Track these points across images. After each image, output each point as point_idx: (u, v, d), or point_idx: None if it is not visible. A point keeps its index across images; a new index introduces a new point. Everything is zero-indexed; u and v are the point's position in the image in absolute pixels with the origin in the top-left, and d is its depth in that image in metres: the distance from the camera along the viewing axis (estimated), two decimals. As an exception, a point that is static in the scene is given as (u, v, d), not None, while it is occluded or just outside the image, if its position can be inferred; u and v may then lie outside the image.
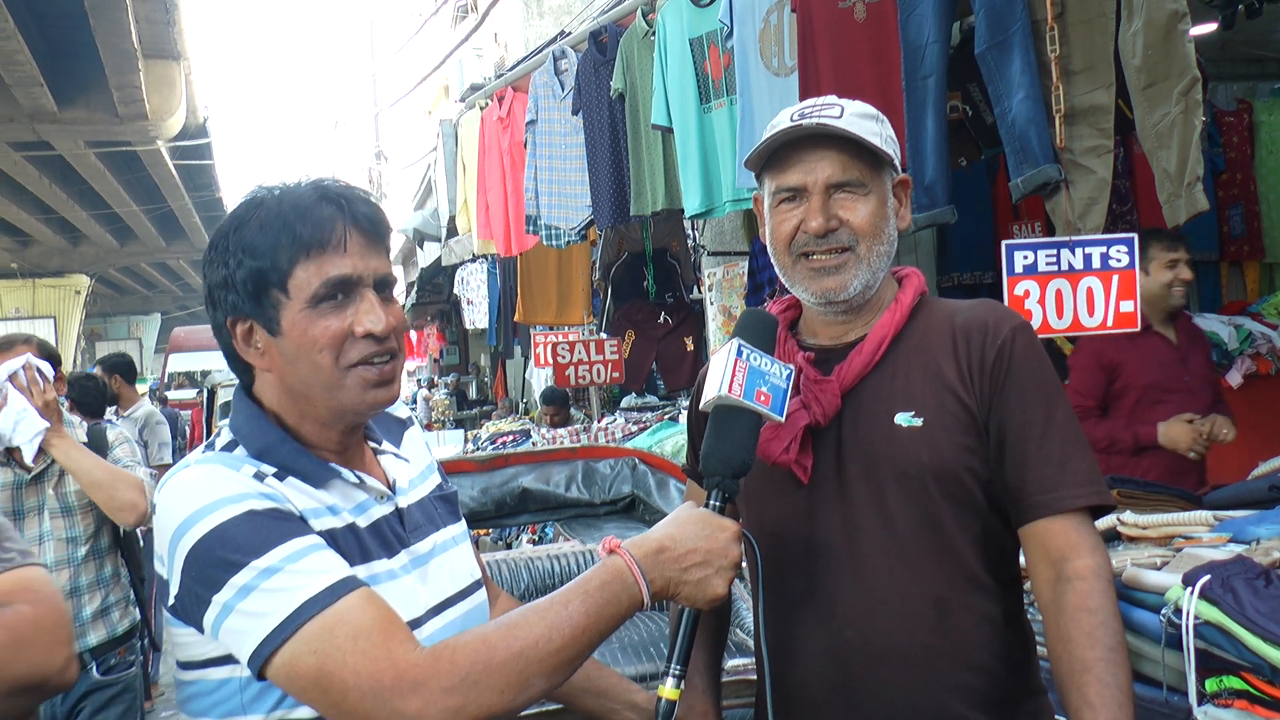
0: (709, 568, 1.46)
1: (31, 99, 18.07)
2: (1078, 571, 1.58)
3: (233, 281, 1.43)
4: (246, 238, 1.42)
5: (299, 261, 1.41)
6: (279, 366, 1.46)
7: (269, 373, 1.48)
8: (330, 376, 1.44)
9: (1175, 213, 3.21)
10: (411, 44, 20.06)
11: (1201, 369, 4.37)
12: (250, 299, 1.43)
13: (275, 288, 1.42)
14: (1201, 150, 3.20)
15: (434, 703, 1.27)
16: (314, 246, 1.41)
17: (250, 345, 1.47)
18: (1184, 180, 3.16)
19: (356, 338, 1.43)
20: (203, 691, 1.42)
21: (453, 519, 1.68)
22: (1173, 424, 4.13)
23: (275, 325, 1.43)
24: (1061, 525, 1.61)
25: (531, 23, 12.83)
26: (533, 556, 3.10)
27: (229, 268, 1.43)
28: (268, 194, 1.46)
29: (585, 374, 7.93)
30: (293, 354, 1.44)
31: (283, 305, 1.42)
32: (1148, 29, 3.20)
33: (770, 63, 4.47)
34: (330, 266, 1.42)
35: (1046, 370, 1.69)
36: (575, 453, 4.21)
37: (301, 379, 1.45)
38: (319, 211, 1.42)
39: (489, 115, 7.29)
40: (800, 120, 1.69)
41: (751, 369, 1.56)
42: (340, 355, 1.43)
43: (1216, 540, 2.51)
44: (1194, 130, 3.15)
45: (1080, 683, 1.51)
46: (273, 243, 1.41)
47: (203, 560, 1.33)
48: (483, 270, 11.35)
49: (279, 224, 1.41)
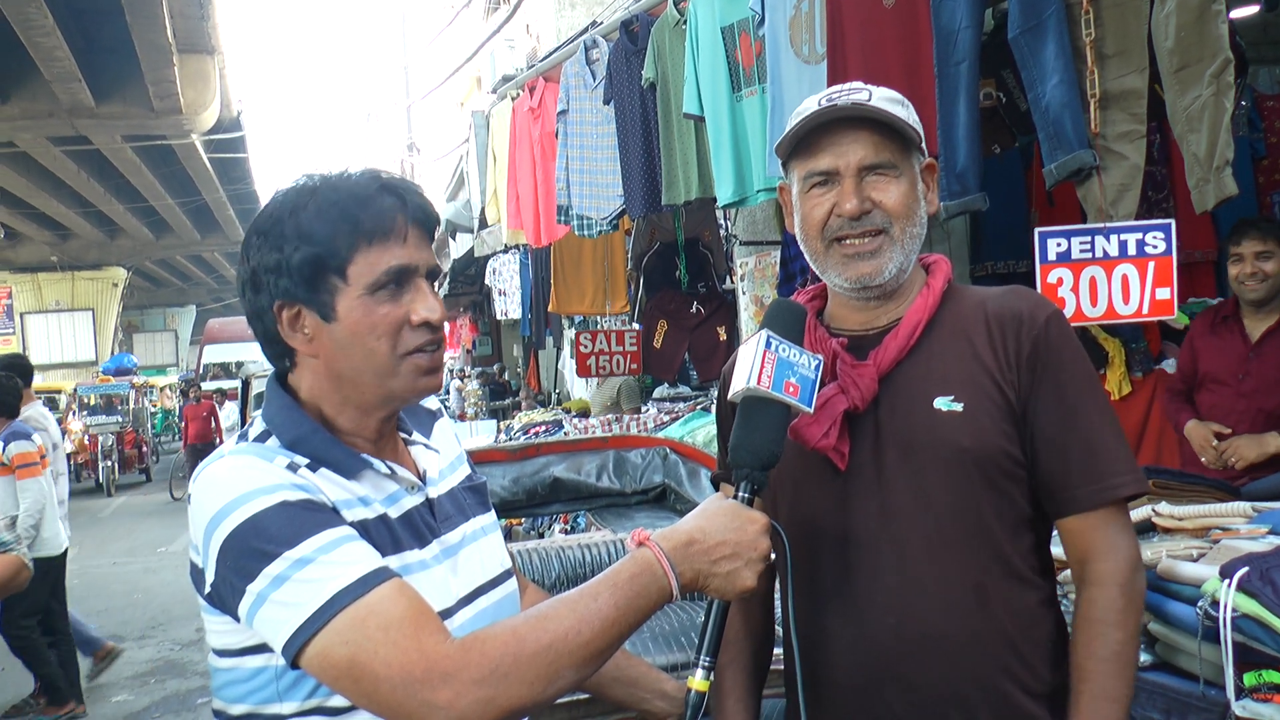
0: (738, 560, 1.46)
1: (70, 94, 18.30)
2: (1092, 577, 1.62)
3: (287, 266, 1.43)
4: (304, 223, 1.43)
5: (359, 249, 1.43)
6: (327, 352, 1.47)
7: (314, 358, 1.49)
8: (385, 363, 1.46)
9: (1204, 198, 3.16)
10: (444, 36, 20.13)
11: (1273, 370, 4.19)
12: (305, 284, 1.44)
13: (333, 273, 1.43)
14: (1234, 135, 3.15)
15: (464, 694, 1.28)
16: (376, 235, 1.44)
17: (297, 330, 1.47)
18: (1213, 164, 3.11)
19: (413, 326, 1.46)
20: (238, 679, 1.44)
21: (482, 509, 1.69)
22: (1199, 427, 4.11)
23: (330, 311, 1.44)
24: (1091, 522, 1.62)
25: (563, 13, 12.83)
26: (564, 546, 3.11)
27: (283, 252, 1.43)
28: (321, 181, 1.47)
29: (606, 364, 7.95)
30: (346, 340, 1.45)
31: (340, 291, 1.44)
32: (1181, 11, 3.15)
33: (800, 50, 4.44)
34: (390, 256, 1.44)
35: (1081, 360, 1.68)
36: (606, 442, 4.21)
37: (353, 365, 1.47)
38: (381, 201, 1.45)
39: (520, 105, 7.29)
40: (833, 102, 1.68)
41: (780, 360, 1.55)
42: (397, 342, 1.46)
43: (1255, 532, 2.48)
44: (1224, 113, 3.09)
45: (1077, 690, 1.59)
46: (332, 229, 1.42)
47: (237, 550, 1.34)
48: (515, 261, 11.37)
49: (339, 211, 1.43)
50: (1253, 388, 4.18)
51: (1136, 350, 4.95)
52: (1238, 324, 4.27)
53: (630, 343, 7.95)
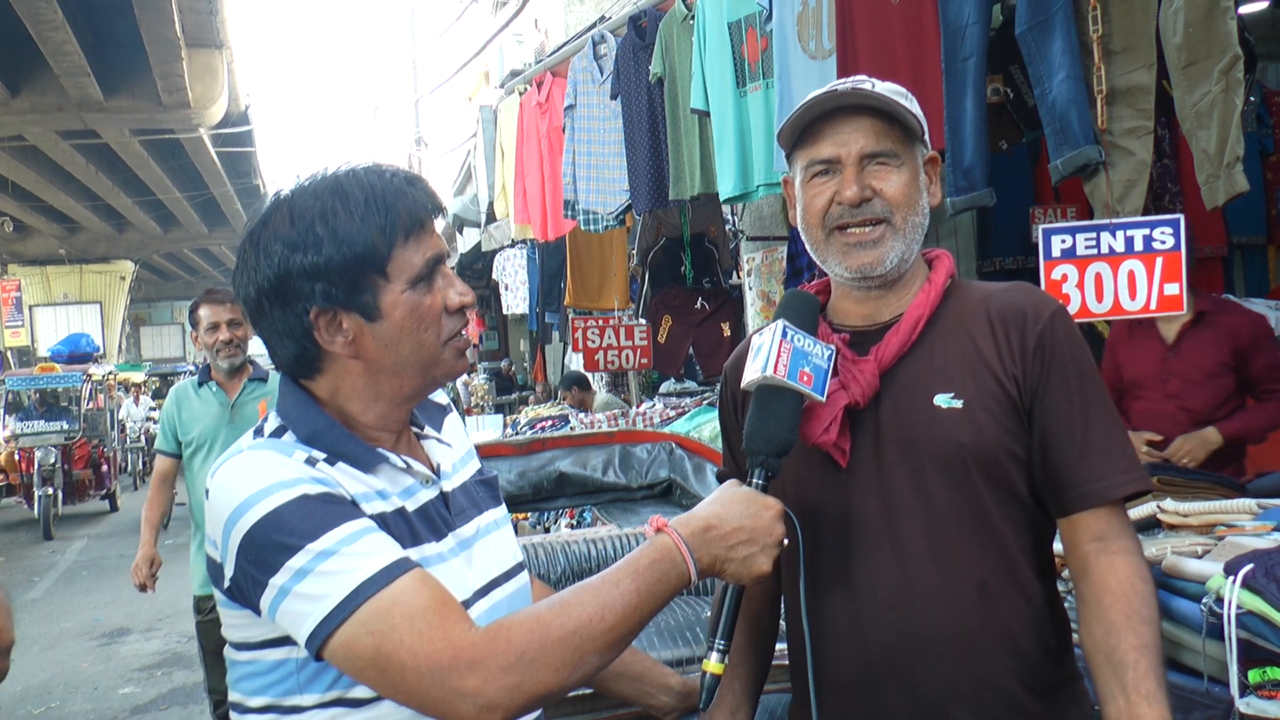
0: (754, 545, 1.47)
1: (79, 88, 18.35)
2: (1116, 550, 1.60)
3: (325, 269, 1.41)
4: (340, 227, 1.41)
5: (397, 244, 1.43)
6: (371, 352, 1.46)
7: (354, 359, 1.47)
8: (433, 352, 1.48)
9: (1214, 194, 3.16)
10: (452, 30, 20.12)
11: (1193, 369, 4.21)
12: (348, 286, 1.42)
13: (375, 272, 1.43)
14: (1244, 130, 3.15)
15: (491, 681, 1.28)
16: (413, 229, 1.45)
17: (336, 334, 1.45)
18: (1223, 160, 3.10)
19: (450, 312, 1.49)
20: (258, 671, 1.45)
21: (494, 503, 1.69)
22: (1132, 437, 4.12)
23: (374, 310, 1.44)
24: (1102, 515, 1.62)
25: (572, 8, 12.81)
26: (570, 540, 3.11)
27: (321, 255, 1.41)
28: (339, 182, 1.45)
29: (615, 359, 7.96)
30: (393, 336, 1.45)
31: (382, 289, 1.44)
32: (1189, 6, 3.15)
33: (808, 46, 4.44)
34: (426, 247, 1.46)
35: (1085, 357, 1.68)
36: (613, 437, 4.21)
37: (400, 359, 1.47)
38: (412, 195, 1.46)
39: (528, 100, 7.30)
40: (835, 89, 1.69)
41: (795, 349, 1.58)
42: (441, 330, 1.48)
43: (1260, 529, 2.47)
44: (1234, 109, 3.09)
45: (1122, 681, 1.53)
46: (371, 228, 1.42)
47: (258, 544, 1.34)
48: (522, 255, 11.38)
49: (376, 210, 1.43)
50: (1177, 389, 4.22)
51: (1143, 346, 4.94)
52: (1153, 326, 4.28)
53: (640, 336, 7.96)
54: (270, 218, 1.46)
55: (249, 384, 4.94)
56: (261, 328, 1.49)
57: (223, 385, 4.94)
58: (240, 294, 1.50)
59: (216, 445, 4.78)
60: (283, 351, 1.49)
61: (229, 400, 4.90)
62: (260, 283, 1.45)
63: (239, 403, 4.89)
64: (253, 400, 4.90)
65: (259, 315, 1.48)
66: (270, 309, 1.46)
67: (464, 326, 1.52)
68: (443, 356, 1.50)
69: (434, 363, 1.49)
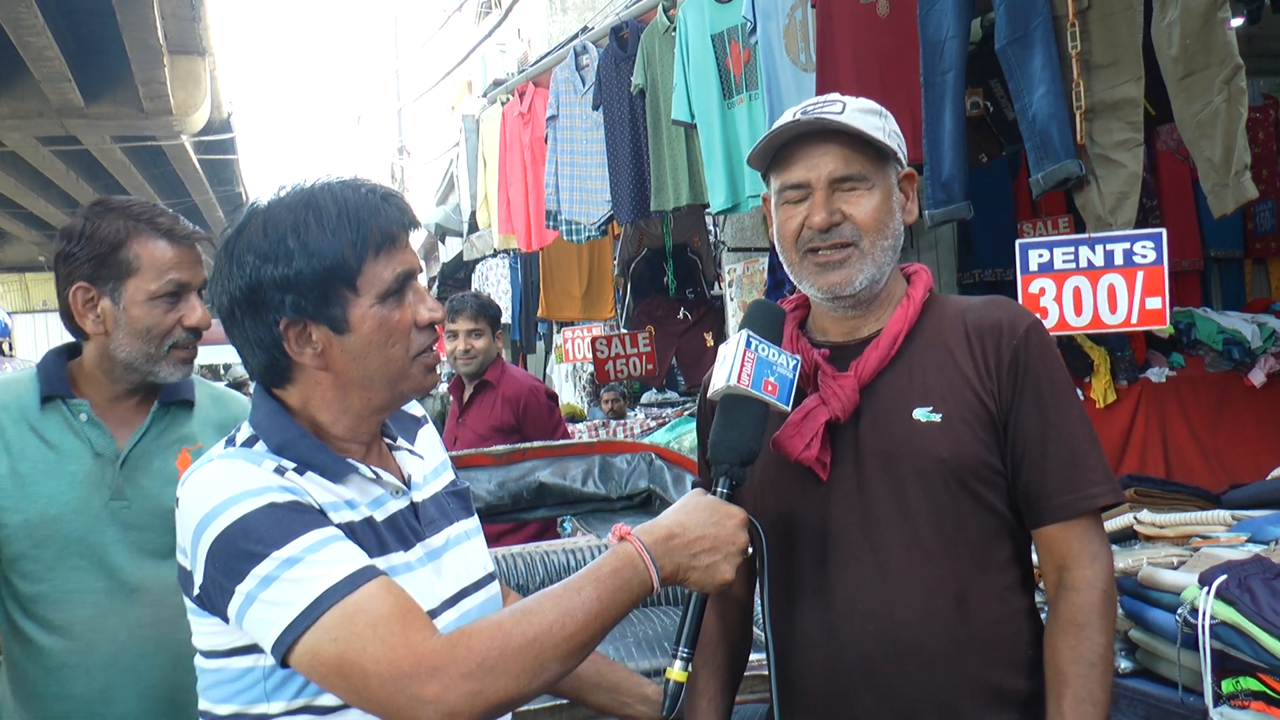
0: (717, 554, 1.48)
1: (60, 94, 18.22)
2: (1074, 582, 1.63)
3: (295, 281, 1.42)
4: (311, 239, 1.42)
5: (368, 259, 1.44)
6: (339, 364, 1.47)
7: (323, 371, 1.48)
8: (400, 367, 1.49)
9: (1222, 202, 3.18)
10: (435, 40, 20.13)
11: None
12: (317, 299, 1.43)
13: (344, 286, 1.44)
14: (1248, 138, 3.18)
15: (452, 688, 1.29)
16: (384, 244, 1.45)
17: (305, 346, 1.46)
18: (1231, 169, 3.13)
19: (420, 327, 1.49)
20: (226, 679, 1.45)
21: (466, 514, 1.70)
22: None
23: (342, 323, 1.45)
24: (1071, 530, 1.64)
25: (555, 18, 12.85)
26: (549, 550, 3.11)
27: (291, 267, 1.42)
28: (312, 195, 1.46)
29: (623, 368, 8.09)
30: (360, 349, 1.46)
31: (351, 302, 1.44)
32: (1185, 18, 3.17)
33: (798, 58, 4.46)
34: (396, 263, 1.47)
35: (1060, 370, 1.70)
36: (592, 447, 4.21)
37: (367, 373, 1.48)
38: (386, 210, 1.47)
39: (510, 110, 7.30)
40: (800, 116, 1.70)
41: (759, 360, 1.58)
42: (410, 345, 1.49)
43: (1234, 540, 2.50)
44: (1239, 119, 3.12)
45: (1058, 694, 1.59)
46: (342, 242, 1.42)
47: (226, 552, 1.35)
48: (504, 265, 11.35)
49: (348, 224, 1.43)
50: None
51: (1122, 358, 4.98)
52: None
53: (644, 344, 8.08)
54: (245, 228, 1.47)
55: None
56: (234, 336, 1.50)
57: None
58: (214, 302, 1.52)
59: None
60: (254, 360, 1.50)
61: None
62: (233, 292, 1.46)
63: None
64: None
65: (231, 324, 1.49)
66: (242, 318, 1.47)
67: (434, 342, 1.53)
68: (411, 371, 1.50)
69: (402, 377, 1.50)
